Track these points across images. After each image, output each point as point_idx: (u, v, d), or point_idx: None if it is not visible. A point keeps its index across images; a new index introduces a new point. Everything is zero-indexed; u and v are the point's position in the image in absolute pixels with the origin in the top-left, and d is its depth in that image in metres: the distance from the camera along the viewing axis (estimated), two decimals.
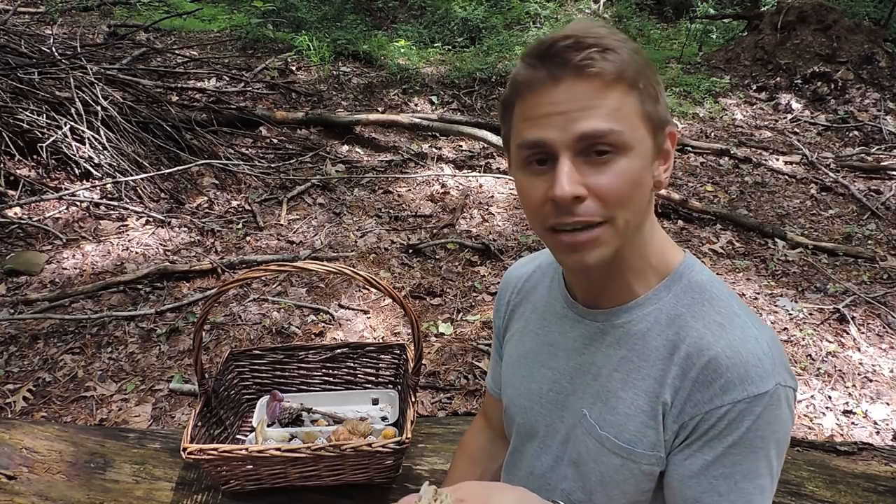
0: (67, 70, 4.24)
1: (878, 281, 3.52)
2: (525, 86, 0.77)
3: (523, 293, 1.06)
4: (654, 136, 0.79)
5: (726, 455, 0.78)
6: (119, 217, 3.71)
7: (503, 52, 6.35)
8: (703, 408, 0.78)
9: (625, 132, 0.74)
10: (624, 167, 0.75)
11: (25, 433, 1.44)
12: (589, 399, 0.90)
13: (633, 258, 0.85)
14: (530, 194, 0.80)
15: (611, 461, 0.86)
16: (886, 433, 2.47)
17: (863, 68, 6.41)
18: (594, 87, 0.73)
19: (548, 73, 0.75)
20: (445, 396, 2.61)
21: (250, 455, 1.21)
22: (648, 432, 0.83)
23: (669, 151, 0.83)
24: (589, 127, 0.73)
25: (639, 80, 0.76)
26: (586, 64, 0.73)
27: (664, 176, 0.83)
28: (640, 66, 0.76)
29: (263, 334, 2.90)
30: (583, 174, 0.75)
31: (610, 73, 0.73)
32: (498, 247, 3.65)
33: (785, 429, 0.79)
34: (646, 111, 0.77)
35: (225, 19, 7.28)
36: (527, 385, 0.99)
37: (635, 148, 0.76)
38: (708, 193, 4.57)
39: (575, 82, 0.73)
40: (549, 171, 0.77)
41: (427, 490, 0.74)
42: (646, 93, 0.77)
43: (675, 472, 0.83)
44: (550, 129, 0.75)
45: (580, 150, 0.75)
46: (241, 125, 4.86)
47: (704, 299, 0.84)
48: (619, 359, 0.87)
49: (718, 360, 0.78)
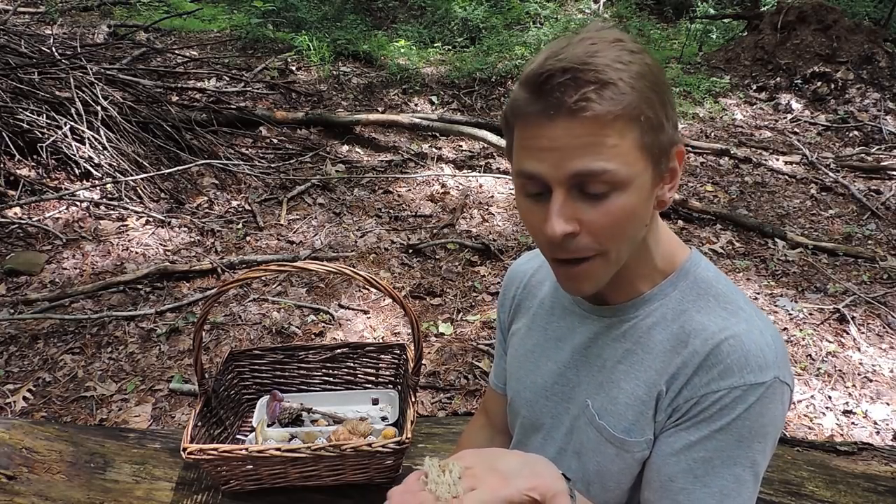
0: (67, 70, 4.24)
1: (878, 281, 3.52)
2: (522, 116, 0.75)
3: (529, 288, 1.06)
4: (657, 164, 0.77)
5: (710, 438, 0.78)
6: (119, 217, 3.71)
7: (503, 52, 6.34)
8: (700, 391, 0.79)
9: (620, 171, 0.72)
10: (619, 204, 0.74)
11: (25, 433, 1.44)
12: (593, 389, 0.91)
13: (637, 266, 0.86)
14: (530, 220, 0.81)
15: (607, 451, 0.87)
16: (886, 433, 2.47)
17: (863, 68, 6.41)
18: (590, 128, 0.71)
19: (542, 109, 0.72)
20: (445, 396, 2.61)
21: (250, 455, 1.21)
22: (641, 420, 0.85)
23: (676, 170, 0.81)
24: (583, 167, 0.72)
25: (640, 113, 0.72)
26: (581, 106, 0.70)
27: (668, 195, 0.81)
28: (644, 94, 0.72)
29: (263, 334, 2.90)
30: (576, 209, 0.74)
31: (606, 114, 0.70)
32: (498, 247, 3.65)
33: (775, 425, 0.79)
34: (645, 143, 0.74)
35: (225, 19, 7.28)
36: (532, 378, 1.00)
37: (632, 183, 0.74)
38: (708, 193, 4.57)
39: (571, 122, 0.71)
40: (544, 202, 0.77)
41: (431, 464, 0.70)
42: (647, 125, 0.73)
43: (657, 449, 0.84)
44: (544, 164, 0.74)
45: (573, 185, 0.74)
46: (241, 125, 4.86)
47: (710, 295, 0.84)
48: (624, 351, 0.88)
49: (721, 347, 0.78)
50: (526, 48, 6.30)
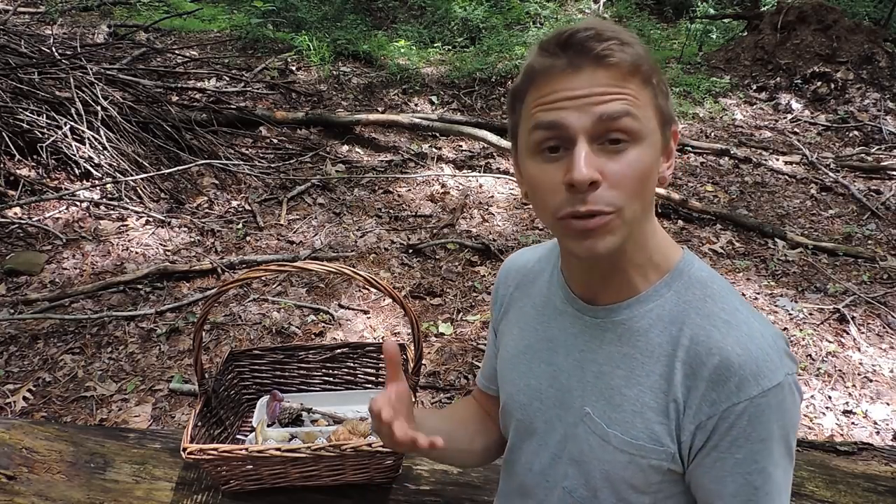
0: (67, 70, 4.24)
1: (878, 281, 3.52)
2: (542, 73, 0.78)
3: (522, 286, 1.05)
4: (664, 131, 0.82)
5: (755, 451, 0.80)
6: (119, 217, 3.71)
7: (503, 52, 6.34)
8: (720, 406, 0.79)
9: (640, 117, 0.76)
10: (637, 156, 0.77)
11: (25, 433, 1.44)
12: (592, 397, 0.89)
13: (635, 253, 0.85)
14: (542, 180, 0.80)
15: (617, 458, 0.86)
16: (886, 433, 2.47)
17: (863, 68, 6.41)
18: (613, 76, 0.75)
19: (568, 62, 0.76)
20: (445, 396, 2.61)
21: (250, 455, 1.21)
22: (656, 428, 0.83)
23: (672, 150, 0.85)
24: (608, 109, 0.75)
25: (653, 75, 0.78)
26: (607, 54, 0.74)
27: (667, 173, 0.85)
28: (653, 63, 0.79)
29: (263, 334, 2.90)
30: (598, 161, 0.76)
31: (628, 65, 0.75)
32: (498, 247, 3.65)
33: (797, 412, 0.82)
34: (658, 105, 0.79)
35: (225, 19, 7.27)
36: (526, 381, 0.98)
37: (648, 138, 0.78)
38: (708, 193, 4.57)
39: (595, 70, 0.75)
40: (562, 157, 0.77)
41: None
42: (658, 88, 0.79)
43: (708, 474, 0.83)
44: (568, 112, 0.76)
45: (596, 135, 0.76)
46: (241, 125, 4.86)
47: (706, 295, 0.84)
48: (622, 356, 0.87)
49: (730, 359, 0.79)
50: (526, 48, 6.29)
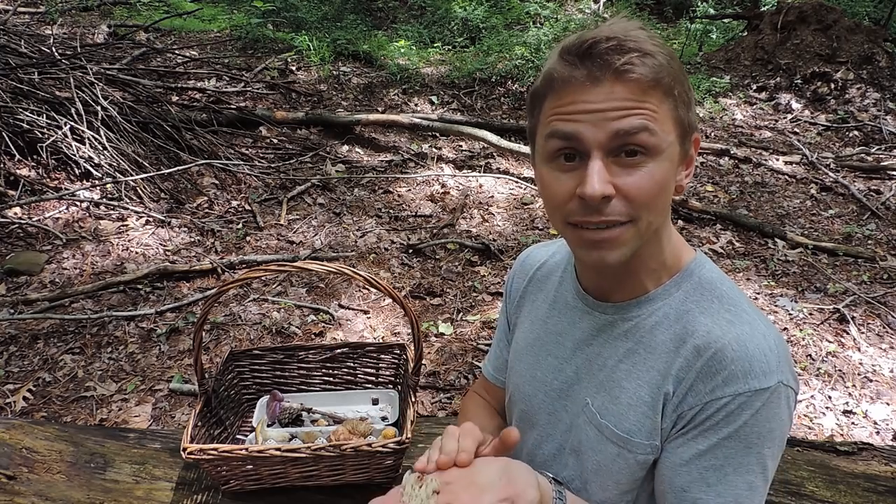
0: (67, 70, 4.24)
1: (878, 281, 3.52)
2: (561, 82, 0.77)
3: (535, 280, 1.07)
4: (683, 141, 0.80)
5: (719, 446, 0.78)
6: (119, 217, 3.71)
7: (503, 52, 6.34)
8: (704, 398, 0.79)
9: (657, 133, 0.75)
10: (653, 170, 0.76)
11: (25, 433, 1.44)
12: (593, 388, 0.90)
13: (649, 259, 0.86)
14: (555, 188, 0.80)
15: (608, 449, 0.87)
16: (886, 433, 2.47)
17: (863, 68, 6.40)
18: (632, 91, 0.74)
19: (587, 74, 0.75)
20: (445, 396, 2.61)
21: (250, 455, 1.21)
22: (646, 422, 0.84)
23: (692, 157, 0.84)
24: (625, 125, 0.74)
25: (675, 86, 0.77)
26: (627, 69, 0.73)
27: (686, 181, 0.84)
28: (676, 71, 0.77)
29: (263, 334, 2.90)
30: (612, 174, 0.76)
31: (648, 79, 0.74)
32: (498, 247, 3.65)
33: (782, 429, 0.79)
34: (678, 117, 0.78)
35: (225, 19, 7.27)
36: (532, 373, 1.00)
37: (665, 152, 0.77)
38: (708, 193, 4.57)
39: (614, 84, 0.74)
40: (577, 167, 0.77)
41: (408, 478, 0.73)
42: (680, 99, 0.78)
43: (666, 460, 0.83)
44: (584, 125, 0.75)
45: (612, 149, 0.75)
46: (241, 125, 4.86)
47: (714, 296, 0.85)
48: (626, 350, 0.88)
49: (724, 352, 0.78)
50: (526, 48, 6.29)
